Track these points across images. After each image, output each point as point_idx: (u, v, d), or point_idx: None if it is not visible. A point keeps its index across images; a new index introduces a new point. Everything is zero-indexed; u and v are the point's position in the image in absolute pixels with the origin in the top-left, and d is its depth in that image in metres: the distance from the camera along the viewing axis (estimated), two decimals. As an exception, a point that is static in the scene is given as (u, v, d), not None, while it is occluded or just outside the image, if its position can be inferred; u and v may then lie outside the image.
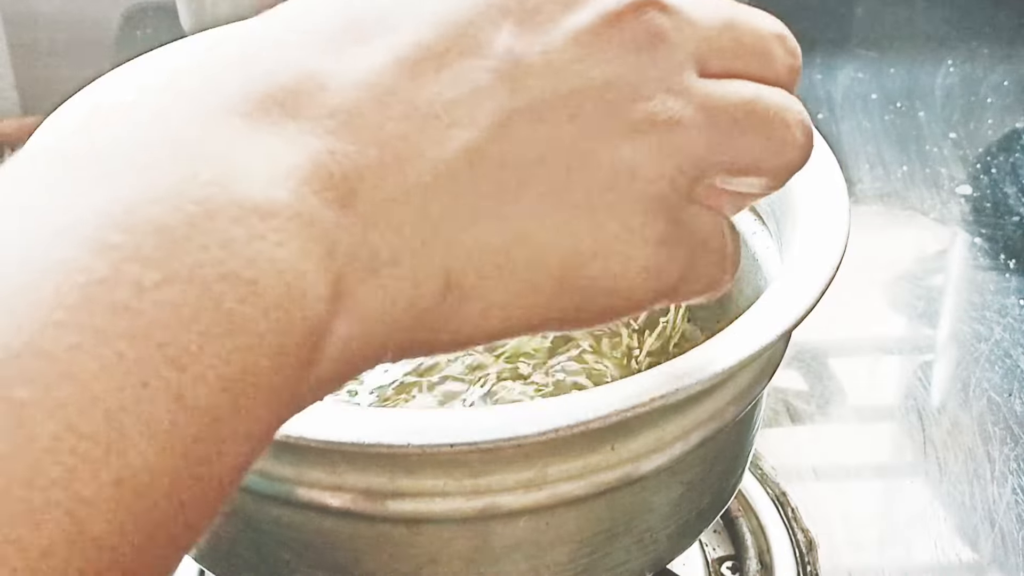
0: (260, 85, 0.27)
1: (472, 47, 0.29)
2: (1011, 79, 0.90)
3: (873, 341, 0.72)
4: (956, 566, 0.58)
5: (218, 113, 0.26)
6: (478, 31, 0.29)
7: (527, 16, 0.29)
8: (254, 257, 0.25)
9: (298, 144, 0.26)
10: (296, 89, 0.27)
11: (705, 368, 0.38)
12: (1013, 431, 0.64)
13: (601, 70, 0.30)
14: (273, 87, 0.27)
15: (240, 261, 0.24)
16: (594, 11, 0.30)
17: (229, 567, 0.44)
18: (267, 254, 0.25)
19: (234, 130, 0.26)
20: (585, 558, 0.42)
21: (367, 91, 0.28)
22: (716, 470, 0.44)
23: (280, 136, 0.26)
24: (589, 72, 0.30)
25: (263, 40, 0.29)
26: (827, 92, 0.88)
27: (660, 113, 0.30)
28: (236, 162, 0.25)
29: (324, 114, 0.27)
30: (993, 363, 0.68)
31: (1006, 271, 0.74)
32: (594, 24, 0.30)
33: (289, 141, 0.26)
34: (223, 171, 0.25)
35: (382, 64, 0.28)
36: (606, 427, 0.37)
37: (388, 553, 0.40)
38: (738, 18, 0.33)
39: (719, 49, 0.32)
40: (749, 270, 0.52)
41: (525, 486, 0.39)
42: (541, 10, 0.30)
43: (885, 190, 0.81)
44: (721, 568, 0.57)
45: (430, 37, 0.29)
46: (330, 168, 0.26)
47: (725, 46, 0.32)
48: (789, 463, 0.62)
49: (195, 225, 0.24)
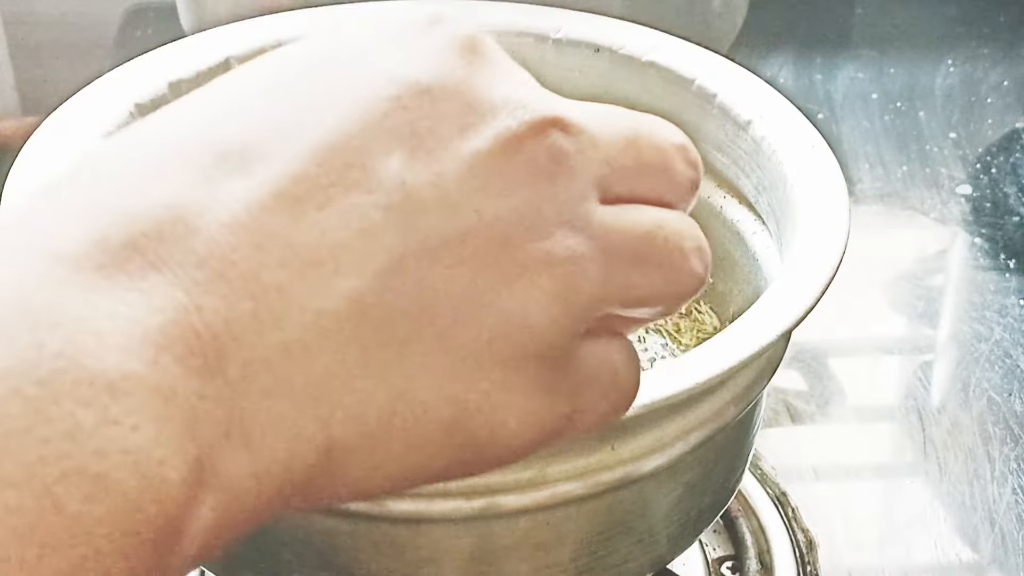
0: (120, 231, 0.24)
1: (359, 180, 0.26)
2: (1011, 79, 0.90)
3: (873, 341, 0.72)
4: (956, 566, 0.58)
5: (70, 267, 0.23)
6: (366, 160, 0.26)
7: (419, 141, 0.27)
8: (104, 448, 0.22)
9: (161, 300, 0.24)
10: (161, 234, 0.24)
11: (705, 368, 0.38)
12: (1013, 431, 0.64)
13: (497, 204, 0.27)
14: (135, 232, 0.24)
15: (87, 454, 0.22)
16: (492, 135, 0.27)
17: (229, 567, 0.44)
18: (119, 443, 0.22)
19: (88, 287, 0.23)
20: (585, 558, 0.42)
21: (242, 234, 0.25)
22: (716, 470, 0.44)
23: (140, 291, 0.24)
24: (485, 205, 0.27)
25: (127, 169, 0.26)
26: (827, 92, 0.88)
27: (558, 252, 0.28)
28: (88, 326, 0.23)
29: (192, 263, 0.24)
30: (993, 363, 0.68)
31: (1006, 271, 0.74)
32: (492, 150, 0.27)
33: (151, 297, 0.24)
34: (73, 340, 0.22)
35: (259, 201, 0.25)
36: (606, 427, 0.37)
37: (388, 553, 0.40)
38: (640, 133, 0.31)
39: (621, 169, 0.30)
40: (749, 270, 0.52)
41: (525, 486, 0.39)
42: (435, 133, 0.27)
43: (885, 190, 0.81)
44: (721, 568, 0.57)
45: (313, 168, 0.26)
46: (197, 328, 0.24)
47: (627, 166, 0.30)
48: (789, 463, 0.62)
49: (37, 412, 0.22)
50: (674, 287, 0.31)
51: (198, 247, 0.24)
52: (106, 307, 0.23)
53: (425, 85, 0.28)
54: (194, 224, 0.25)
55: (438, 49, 0.28)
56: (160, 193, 0.25)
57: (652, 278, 0.30)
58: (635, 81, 0.53)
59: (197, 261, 0.24)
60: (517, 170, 0.28)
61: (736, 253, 0.52)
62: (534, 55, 0.54)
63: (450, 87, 0.28)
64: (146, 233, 0.24)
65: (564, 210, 0.28)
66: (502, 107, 0.28)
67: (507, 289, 0.28)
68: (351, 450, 0.26)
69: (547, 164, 0.28)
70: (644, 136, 0.31)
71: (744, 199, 0.52)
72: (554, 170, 0.28)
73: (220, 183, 0.25)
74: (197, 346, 0.24)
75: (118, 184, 0.25)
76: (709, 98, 0.51)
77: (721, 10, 0.81)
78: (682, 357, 0.40)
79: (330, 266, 0.25)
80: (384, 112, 0.27)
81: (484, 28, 0.30)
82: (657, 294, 0.31)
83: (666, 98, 0.53)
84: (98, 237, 0.24)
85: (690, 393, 0.38)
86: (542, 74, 0.56)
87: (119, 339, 0.23)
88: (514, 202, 0.28)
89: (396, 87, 0.27)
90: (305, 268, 0.25)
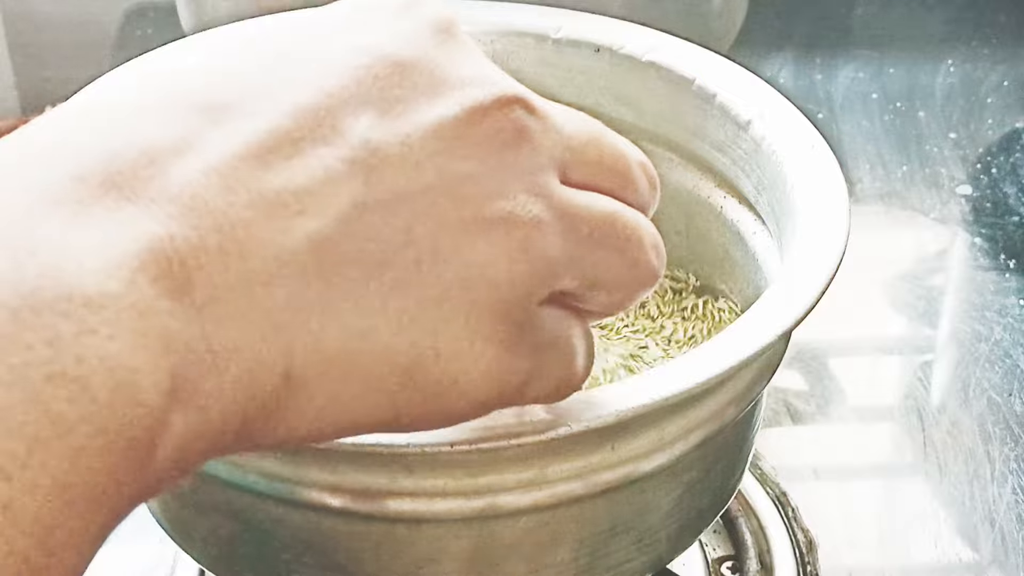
0: (100, 166, 0.26)
1: (328, 136, 0.28)
2: (1011, 79, 0.90)
3: (873, 341, 0.72)
4: (956, 566, 0.58)
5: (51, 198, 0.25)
6: (336, 119, 0.28)
7: (388, 106, 0.29)
8: (83, 354, 0.24)
9: (135, 229, 0.25)
10: (136, 172, 0.26)
11: (705, 368, 0.38)
12: (1013, 431, 0.64)
13: (461, 165, 0.29)
14: (113, 169, 0.26)
15: (68, 359, 0.23)
16: (459, 104, 0.29)
17: (229, 567, 0.44)
18: (97, 350, 0.24)
19: (67, 216, 0.25)
20: (585, 558, 0.42)
21: (214, 176, 0.26)
22: (716, 470, 0.44)
23: (116, 220, 0.25)
24: (448, 167, 0.29)
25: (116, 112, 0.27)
26: (827, 92, 0.88)
27: (518, 212, 0.29)
28: (67, 251, 0.24)
29: (166, 198, 0.26)
30: (993, 363, 0.68)
31: (1006, 271, 0.74)
32: (458, 116, 0.29)
33: (126, 225, 0.25)
34: (53, 262, 0.24)
35: (232, 150, 0.27)
36: (606, 427, 0.37)
37: (388, 553, 0.40)
38: (605, 137, 0.32)
39: (583, 161, 0.31)
40: (749, 270, 0.52)
41: (525, 486, 0.39)
42: (404, 100, 0.29)
43: (885, 190, 0.81)
44: (721, 568, 0.57)
45: (287, 124, 0.28)
46: (168, 254, 0.25)
47: (589, 159, 0.31)
48: (789, 463, 0.62)
49: (20, 321, 0.23)
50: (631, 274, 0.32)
51: (171, 185, 0.26)
52: (85, 236, 0.25)
53: (398, 59, 0.29)
54: (170, 165, 0.26)
55: (412, 28, 0.30)
56: (140, 137, 0.27)
57: (610, 261, 0.32)
58: (635, 81, 0.53)
59: (169, 197, 0.26)
60: (481, 137, 0.29)
61: (736, 253, 0.52)
62: (534, 55, 0.54)
63: (422, 62, 0.29)
64: (122, 171, 0.26)
65: (526, 177, 0.30)
66: (471, 82, 0.30)
67: (468, 244, 0.29)
68: (310, 380, 0.28)
69: (511, 135, 0.29)
70: (607, 140, 0.32)
71: (744, 199, 0.52)
72: (517, 141, 0.30)
73: (198, 131, 0.27)
74: (168, 271, 0.25)
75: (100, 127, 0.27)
76: (709, 98, 0.51)
77: (721, 10, 0.81)
78: (682, 357, 0.40)
79: (294, 208, 0.27)
80: (357, 79, 0.29)
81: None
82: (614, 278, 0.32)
83: (666, 98, 0.53)
84: (79, 174, 0.25)
85: (690, 393, 0.38)
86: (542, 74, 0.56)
87: (96, 263, 0.24)
88: (476, 165, 0.29)
89: (370, 59, 0.29)
90: (271, 209, 0.27)
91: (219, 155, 0.27)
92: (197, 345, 0.26)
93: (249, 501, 0.41)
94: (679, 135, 0.53)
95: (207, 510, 0.42)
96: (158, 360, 0.25)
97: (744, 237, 0.52)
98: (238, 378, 0.27)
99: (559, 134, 0.31)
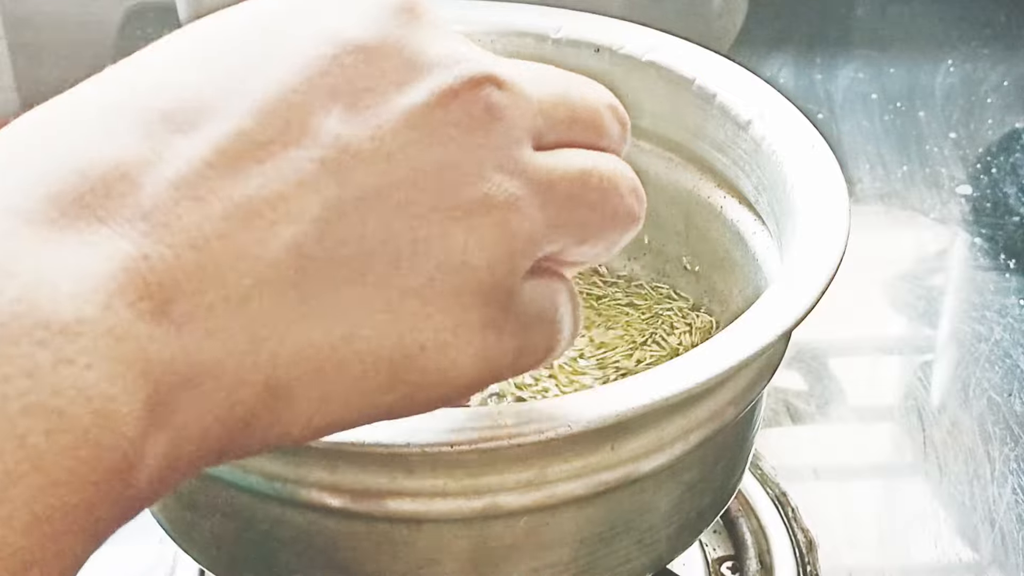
0: (69, 186, 0.25)
1: (297, 136, 0.27)
2: (1011, 79, 0.90)
3: (873, 341, 0.72)
4: (956, 566, 0.58)
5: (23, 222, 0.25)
6: (304, 117, 0.27)
7: (357, 98, 0.28)
8: (60, 385, 0.23)
9: (109, 251, 0.25)
10: (108, 190, 0.26)
11: (705, 368, 0.38)
12: (1013, 431, 0.64)
13: (434, 153, 0.29)
14: (83, 190, 0.25)
15: (46, 390, 0.23)
16: (428, 89, 0.29)
17: (229, 567, 0.44)
18: (74, 380, 0.24)
19: (41, 240, 0.25)
20: (585, 558, 0.42)
21: (185, 188, 0.26)
22: (716, 470, 0.44)
23: (90, 243, 0.25)
24: (421, 156, 0.28)
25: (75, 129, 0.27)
26: (827, 92, 0.88)
27: (496, 195, 0.29)
28: (43, 276, 0.24)
29: (138, 216, 0.25)
30: (993, 363, 0.68)
31: (1006, 271, 0.74)
32: (428, 102, 0.29)
33: (100, 248, 0.25)
34: (29, 287, 0.24)
35: (201, 157, 0.26)
36: (606, 427, 0.37)
37: (388, 553, 0.40)
38: (571, 90, 0.32)
39: (555, 122, 0.31)
40: (749, 270, 0.52)
41: (525, 486, 0.39)
42: (372, 89, 0.28)
43: (885, 190, 0.81)
44: (721, 568, 0.57)
45: (253, 126, 0.27)
46: (144, 275, 0.25)
47: (560, 118, 0.31)
48: (789, 463, 0.62)
49: None
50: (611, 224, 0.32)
51: (143, 201, 0.26)
52: (59, 259, 0.24)
53: (362, 44, 0.29)
54: (140, 180, 0.26)
55: (376, 10, 0.30)
56: (108, 151, 0.26)
57: (590, 217, 0.32)
58: (635, 81, 0.53)
59: (142, 214, 0.26)
60: (452, 122, 0.29)
61: (736, 253, 0.52)
62: (534, 55, 0.54)
63: (387, 46, 0.29)
64: (94, 190, 0.25)
65: (500, 157, 0.30)
66: (438, 63, 0.29)
67: (447, 234, 0.29)
68: (295, 387, 0.28)
69: (482, 116, 0.29)
70: (575, 93, 0.32)
71: (744, 199, 0.52)
72: (489, 121, 0.29)
73: (164, 141, 0.26)
74: (145, 292, 0.25)
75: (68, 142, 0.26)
76: (709, 98, 0.51)
77: (721, 10, 0.81)
78: (682, 357, 0.40)
79: (269, 216, 0.27)
80: (322, 71, 0.28)
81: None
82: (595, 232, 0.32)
83: (666, 98, 0.53)
84: (49, 193, 0.25)
85: (690, 393, 0.38)
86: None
87: (72, 287, 0.24)
88: (450, 151, 0.29)
89: (334, 46, 0.29)
90: (245, 218, 0.26)
91: (188, 165, 0.26)
92: (176, 367, 0.26)
93: (249, 501, 0.41)
94: (679, 135, 0.53)
95: (207, 510, 0.42)
96: (136, 386, 0.25)
97: (744, 237, 0.52)
98: (217, 394, 0.26)
99: (529, 103, 0.30)
